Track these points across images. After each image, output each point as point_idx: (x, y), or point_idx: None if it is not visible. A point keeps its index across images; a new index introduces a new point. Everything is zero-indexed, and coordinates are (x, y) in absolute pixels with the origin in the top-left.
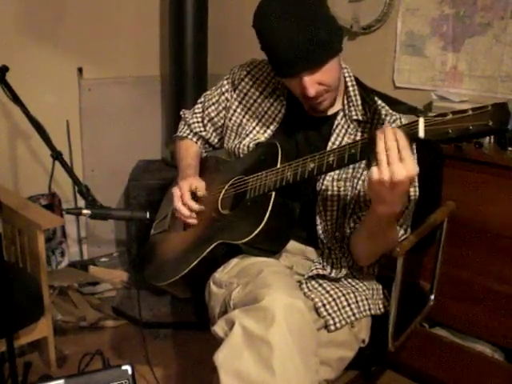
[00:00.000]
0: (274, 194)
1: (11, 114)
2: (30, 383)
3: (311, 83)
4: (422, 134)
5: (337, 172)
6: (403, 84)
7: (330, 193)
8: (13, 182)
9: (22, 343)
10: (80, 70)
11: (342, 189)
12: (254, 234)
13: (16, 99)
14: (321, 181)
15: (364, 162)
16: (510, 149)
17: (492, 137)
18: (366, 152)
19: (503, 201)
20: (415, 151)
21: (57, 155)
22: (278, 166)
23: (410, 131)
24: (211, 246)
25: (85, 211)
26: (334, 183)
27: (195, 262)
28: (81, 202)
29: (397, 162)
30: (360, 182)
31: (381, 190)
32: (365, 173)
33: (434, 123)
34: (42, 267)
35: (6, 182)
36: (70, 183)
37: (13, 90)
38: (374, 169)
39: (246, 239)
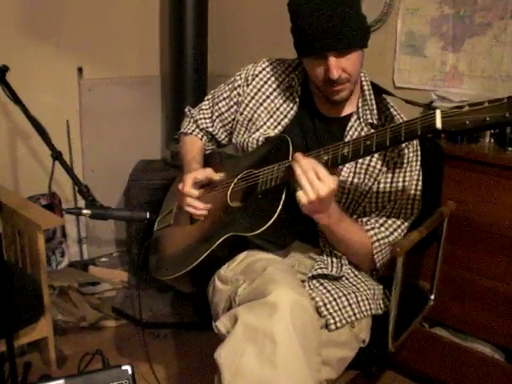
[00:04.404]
0: (286, 186)
1: (11, 114)
2: (30, 383)
3: (336, 65)
4: (439, 124)
5: (345, 172)
6: (403, 84)
7: (338, 193)
8: (13, 182)
9: (21, 343)
10: (80, 70)
11: (351, 192)
12: (266, 226)
13: (16, 99)
14: None
15: (369, 166)
16: (510, 149)
17: (492, 137)
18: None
19: (503, 201)
20: (418, 147)
21: (57, 155)
22: (290, 158)
23: (428, 122)
24: (222, 239)
25: (85, 211)
26: (343, 185)
27: (205, 255)
28: (81, 202)
29: (317, 182)
30: (370, 190)
31: (312, 207)
32: (375, 181)
33: (451, 114)
34: (42, 267)
35: (6, 181)
36: (70, 183)
37: (13, 90)
38: (300, 193)
39: (259, 231)
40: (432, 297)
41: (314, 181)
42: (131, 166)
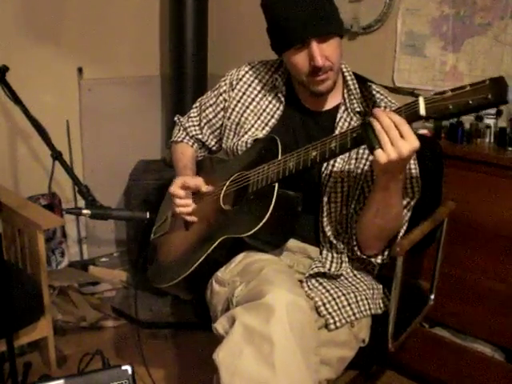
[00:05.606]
0: (277, 185)
1: (11, 114)
2: (30, 383)
3: (320, 52)
4: (422, 111)
5: (339, 163)
6: (403, 84)
7: (333, 185)
8: (13, 182)
9: (21, 343)
10: (80, 70)
11: (345, 179)
12: (259, 226)
13: (16, 99)
14: (324, 172)
15: (358, 149)
16: (510, 149)
17: (492, 136)
18: (364, 137)
19: (503, 201)
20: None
21: (57, 155)
22: (279, 157)
23: (412, 110)
24: (216, 243)
25: (85, 211)
26: (338, 175)
27: (200, 260)
28: (81, 202)
29: (400, 140)
30: (363, 172)
31: (388, 167)
32: (368, 162)
33: (434, 101)
34: (42, 267)
35: (6, 181)
36: (70, 183)
37: (13, 90)
38: (380, 152)
39: (252, 232)
40: (432, 297)
41: (397, 140)
42: (131, 166)
